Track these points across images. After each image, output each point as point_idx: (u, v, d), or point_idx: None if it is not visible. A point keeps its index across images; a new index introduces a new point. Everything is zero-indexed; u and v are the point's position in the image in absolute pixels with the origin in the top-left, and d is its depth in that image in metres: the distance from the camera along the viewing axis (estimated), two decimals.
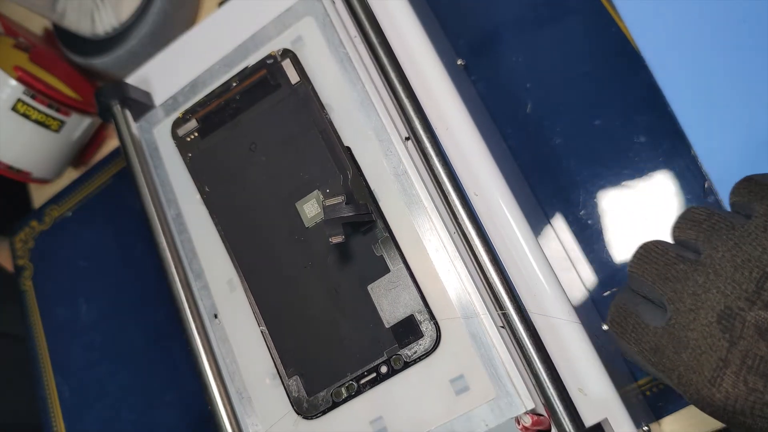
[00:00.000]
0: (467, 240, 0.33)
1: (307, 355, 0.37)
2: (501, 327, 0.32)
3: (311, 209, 0.38)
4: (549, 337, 0.32)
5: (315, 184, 0.38)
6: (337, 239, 0.34)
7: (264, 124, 0.40)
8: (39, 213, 0.63)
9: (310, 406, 0.36)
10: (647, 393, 0.38)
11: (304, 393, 0.36)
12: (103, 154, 0.62)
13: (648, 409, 0.38)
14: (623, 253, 0.40)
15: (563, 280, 0.34)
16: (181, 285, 0.39)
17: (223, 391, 0.38)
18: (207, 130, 0.42)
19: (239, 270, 0.39)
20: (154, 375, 0.54)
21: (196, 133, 0.42)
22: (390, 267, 0.35)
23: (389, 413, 0.34)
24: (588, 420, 0.31)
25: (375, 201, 0.36)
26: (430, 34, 0.38)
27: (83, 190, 0.61)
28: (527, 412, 0.31)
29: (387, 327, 0.35)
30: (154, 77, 0.46)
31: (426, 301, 0.34)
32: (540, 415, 0.31)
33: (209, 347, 0.39)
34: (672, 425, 0.37)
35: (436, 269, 0.34)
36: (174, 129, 0.43)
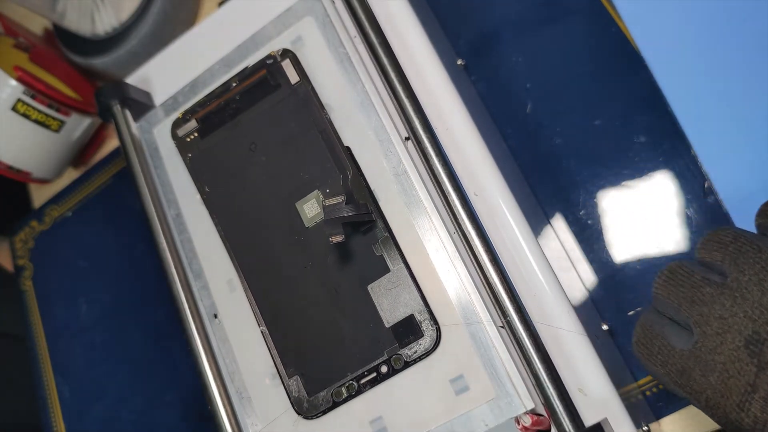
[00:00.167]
0: (467, 240, 0.33)
1: (307, 355, 0.37)
2: (501, 327, 0.32)
3: (311, 209, 0.38)
4: (549, 337, 0.32)
5: (315, 184, 0.38)
6: (337, 239, 0.34)
7: (264, 124, 0.40)
8: (39, 213, 0.63)
9: (310, 406, 0.36)
10: (647, 393, 0.38)
11: (304, 393, 0.36)
12: (103, 154, 0.62)
13: (648, 409, 0.38)
14: (623, 253, 0.40)
15: (563, 280, 0.34)
16: (181, 285, 0.39)
17: (223, 391, 0.38)
18: (207, 130, 0.42)
19: (239, 270, 0.39)
20: (154, 375, 0.54)
21: (196, 133, 0.42)
22: (390, 267, 0.35)
23: (389, 413, 0.34)
24: (588, 420, 0.31)
25: (375, 201, 0.36)
26: (430, 34, 0.38)
27: (83, 190, 0.61)
28: (527, 412, 0.31)
29: (387, 327, 0.35)
30: (154, 77, 0.46)
31: (426, 301, 0.34)
32: (540, 415, 0.31)
33: (209, 347, 0.39)
34: (672, 425, 0.37)
35: (436, 269, 0.34)
36: (174, 129, 0.43)
